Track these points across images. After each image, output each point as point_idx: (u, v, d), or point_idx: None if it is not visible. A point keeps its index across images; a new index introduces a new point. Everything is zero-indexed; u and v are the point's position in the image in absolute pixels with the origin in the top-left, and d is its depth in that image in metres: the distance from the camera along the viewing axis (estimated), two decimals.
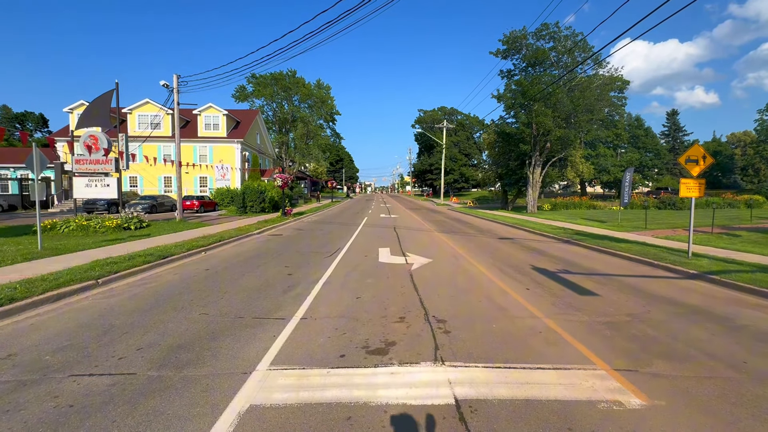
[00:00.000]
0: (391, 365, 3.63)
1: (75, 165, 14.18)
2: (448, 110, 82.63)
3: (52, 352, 3.99)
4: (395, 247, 11.22)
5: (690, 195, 9.43)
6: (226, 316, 5.11)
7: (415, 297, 6.01)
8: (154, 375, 3.46)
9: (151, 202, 24.18)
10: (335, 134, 59.11)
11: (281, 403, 2.99)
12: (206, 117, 32.87)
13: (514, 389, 3.20)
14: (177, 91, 17.17)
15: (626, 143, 54.52)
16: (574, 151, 31.38)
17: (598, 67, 29.23)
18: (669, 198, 31.90)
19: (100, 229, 13.42)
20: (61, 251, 9.23)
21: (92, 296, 6.13)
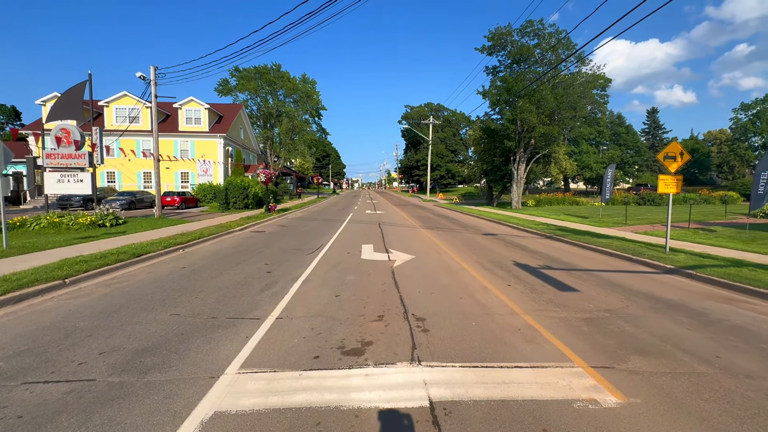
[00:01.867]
0: (366, 366, 3.53)
1: (46, 159, 13.57)
2: (434, 106, 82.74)
3: (6, 358, 3.74)
4: (379, 243, 11.11)
5: (668, 191, 9.59)
6: (199, 316, 4.92)
7: (395, 294, 5.92)
8: (115, 381, 3.27)
9: (129, 198, 23.46)
10: (321, 129, 58.54)
11: (248, 409, 2.85)
12: (187, 111, 32.02)
13: (490, 389, 3.13)
14: (154, 83, 16.59)
15: (608, 140, 55.69)
16: (558, 148, 31.80)
17: (581, 65, 29.60)
18: (649, 194, 32.68)
19: (73, 227, 12.89)
20: (28, 249, 8.80)
21: (58, 297, 5.83)
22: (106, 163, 29.61)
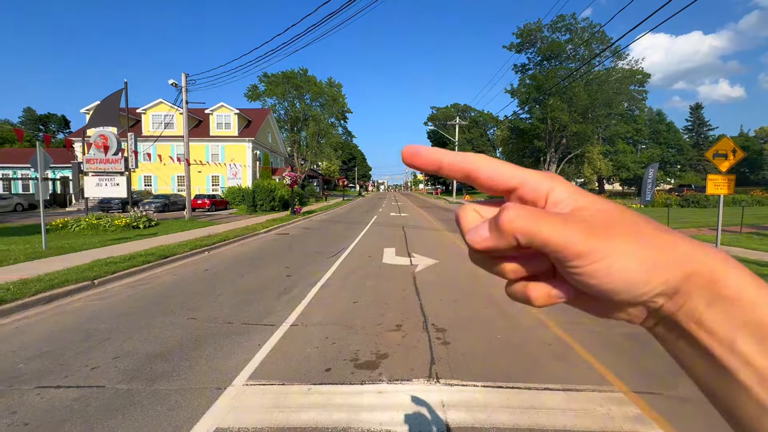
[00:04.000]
0: (380, 382, 3.28)
1: (86, 164, 14.31)
2: (461, 107, 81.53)
3: (27, 360, 3.79)
4: (401, 247, 10.85)
5: (718, 192, 8.74)
6: (215, 321, 4.86)
7: (415, 302, 5.65)
8: (123, 388, 3.21)
9: (163, 201, 24.46)
10: (347, 132, 59.05)
11: (251, 426, 2.68)
12: (218, 116, 33.12)
13: (517, 415, 2.81)
14: (185, 89, 17.18)
15: (647, 139, 52.66)
16: (592, 147, 30.32)
17: (616, 59, 28.09)
18: (693, 195, 30.46)
19: (109, 228, 13.50)
20: (65, 250, 9.21)
21: (85, 298, 5.99)
22: (143, 168, 31.15)
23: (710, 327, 0.24)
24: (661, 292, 0.25)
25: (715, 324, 0.24)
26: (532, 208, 0.26)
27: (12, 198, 25.76)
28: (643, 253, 0.24)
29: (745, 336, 0.23)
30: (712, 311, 0.24)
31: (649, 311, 0.27)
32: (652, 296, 0.25)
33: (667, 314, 0.26)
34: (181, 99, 17.39)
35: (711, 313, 0.24)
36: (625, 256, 0.24)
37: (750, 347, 0.23)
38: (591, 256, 0.24)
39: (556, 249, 0.24)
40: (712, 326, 0.24)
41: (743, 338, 0.23)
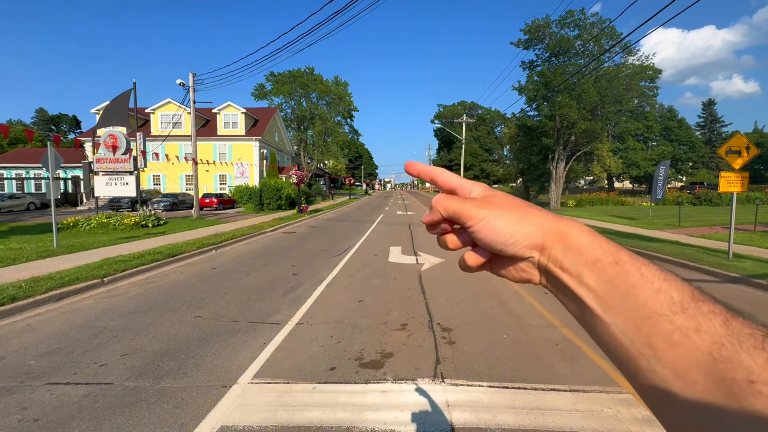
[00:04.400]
0: (385, 381, 3.27)
1: (96, 164, 14.51)
2: (468, 105, 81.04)
3: (38, 356, 3.86)
4: (407, 245, 10.83)
5: (731, 190, 8.55)
6: (221, 319, 4.89)
7: (421, 301, 5.62)
8: (131, 386, 3.24)
9: (172, 200, 24.73)
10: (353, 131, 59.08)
11: (255, 424, 2.69)
12: (225, 115, 33.36)
13: (522, 416, 2.77)
14: (193, 89, 17.31)
15: (658, 136, 51.77)
16: (601, 145, 29.88)
17: (627, 55, 27.61)
18: (705, 193, 29.91)
19: (119, 227, 13.69)
20: (75, 249, 9.36)
21: (95, 295, 6.07)
22: (152, 167, 31.53)
23: (567, 268, 0.34)
24: (528, 245, 0.36)
25: (569, 265, 0.34)
26: (448, 195, 0.41)
27: (25, 197, 26.26)
28: (510, 216, 0.37)
29: (586, 270, 0.33)
30: (566, 257, 0.35)
31: (537, 268, 0.37)
32: (522, 248, 0.37)
33: (543, 266, 0.36)
34: (189, 98, 17.54)
35: (566, 258, 0.35)
36: (497, 218, 0.37)
37: (590, 277, 0.33)
38: (476, 218, 0.38)
39: (458, 215, 0.39)
40: (567, 267, 0.34)
41: (586, 272, 0.33)
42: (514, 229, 0.36)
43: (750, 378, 0.25)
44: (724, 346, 0.27)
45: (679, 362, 0.28)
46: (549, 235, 0.36)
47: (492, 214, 0.37)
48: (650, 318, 0.29)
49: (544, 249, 0.36)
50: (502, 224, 0.37)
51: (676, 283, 0.31)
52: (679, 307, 0.29)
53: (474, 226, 0.38)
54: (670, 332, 0.28)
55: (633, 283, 0.31)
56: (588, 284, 0.33)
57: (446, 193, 0.43)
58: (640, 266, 0.32)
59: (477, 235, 0.38)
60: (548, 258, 0.36)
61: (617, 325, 0.31)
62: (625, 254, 0.33)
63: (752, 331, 0.27)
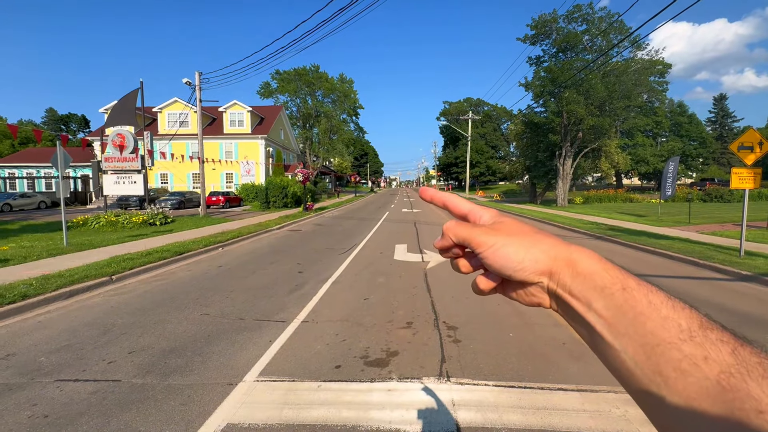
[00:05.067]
0: (390, 380, 3.27)
1: (104, 163, 14.68)
2: (474, 101, 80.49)
3: (48, 353, 3.91)
4: (413, 243, 10.80)
5: (743, 186, 8.39)
6: (227, 317, 4.92)
7: (426, 299, 5.61)
8: (138, 383, 3.27)
9: (179, 198, 24.96)
10: (359, 128, 59.04)
11: (261, 422, 2.70)
12: (231, 114, 33.52)
13: (529, 416, 2.75)
14: (199, 88, 17.40)
15: (667, 131, 50.98)
16: (609, 141, 29.51)
17: (636, 50, 27.17)
18: (716, 190, 29.41)
19: (127, 225, 13.84)
20: (85, 247, 9.48)
21: (104, 293, 6.15)
22: (160, 166, 31.79)
23: (575, 294, 0.35)
24: (537, 271, 0.37)
25: (577, 291, 0.35)
26: (459, 222, 0.43)
27: (36, 196, 26.68)
28: (518, 243, 0.38)
29: (595, 296, 0.34)
30: (575, 283, 0.35)
31: (547, 293, 0.38)
32: (530, 273, 0.38)
33: (552, 291, 0.38)
34: (196, 97, 17.64)
35: (574, 284, 0.36)
36: (506, 245, 0.38)
37: (599, 303, 0.34)
38: (485, 245, 0.39)
39: (468, 241, 0.41)
40: (576, 293, 0.35)
41: (594, 298, 0.34)
42: (522, 255, 0.38)
43: (759, 408, 0.25)
44: (733, 375, 0.27)
45: (688, 390, 0.28)
46: (557, 261, 0.37)
47: (500, 241, 0.39)
48: (659, 346, 0.30)
49: (552, 275, 0.37)
50: (511, 251, 0.38)
51: (684, 310, 0.32)
52: (687, 334, 0.30)
53: (483, 252, 0.39)
54: (678, 360, 0.29)
55: (641, 311, 0.32)
56: (597, 310, 0.34)
57: (458, 218, 0.46)
58: (647, 293, 0.33)
59: (486, 261, 0.40)
60: (557, 283, 0.37)
61: (627, 352, 0.32)
62: (633, 281, 0.34)
63: (761, 360, 0.27)
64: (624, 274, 0.35)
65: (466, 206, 0.45)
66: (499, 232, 0.39)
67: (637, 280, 0.34)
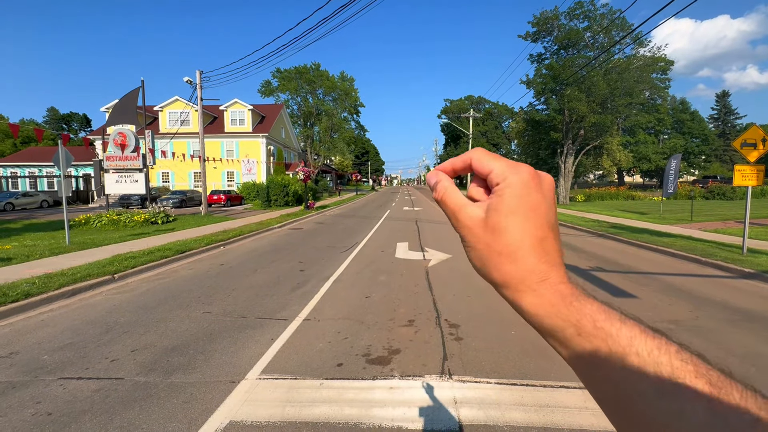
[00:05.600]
0: (392, 378, 3.27)
1: (106, 162, 14.71)
2: (475, 99, 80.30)
3: (51, 351, 3.93)
4: (414, 241, 10.80)
5: (746, 183, 8.35)
6: (229, 315, 4.93)
7: (428, 297, 5.60)
8: (141, 381, 3.28)
9: (181, 197, 24.98)
10: (360, 127, 58.94)
11: (263, 420, 2.70)
12: (232, 112, 33.52)
13: (531, 414, 2.75)
14: (200, 86, 17.39)
15: (670, 129, 50.78)
16: (611, 138, 29.43)
17: (638, 47, 27.04)
18: (718, 187, 29.30)
19: (129, 224, 13.87)
20: (87, 246, 9.51)
21: (106, 291, 6.16)
22: (161, 164, 31.83)
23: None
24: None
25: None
26: (482, 151, 0.37)
27: (38, 195, 26.75)
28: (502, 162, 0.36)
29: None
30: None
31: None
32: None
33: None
34: (197, 96, 17.63)
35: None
36: (512, 175, 0.34)
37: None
38: (501, 175, 0.35)
39: (482, 167, 0.36)
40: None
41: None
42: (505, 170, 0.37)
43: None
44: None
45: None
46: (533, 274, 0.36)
47: (512, 173, 0.35)
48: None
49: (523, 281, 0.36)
50: (510, 174, 0.36)
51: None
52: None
53: (494, 179, 0.37)
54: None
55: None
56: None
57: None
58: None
59: (492, 179, 0.37)
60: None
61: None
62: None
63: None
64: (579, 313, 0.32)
65: (489, 163, 0.37)
66: (514, 169, 0.35)
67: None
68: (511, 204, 0.33)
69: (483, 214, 0.35)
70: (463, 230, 0.36)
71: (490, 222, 0.34)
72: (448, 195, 0.38)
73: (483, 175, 0.37)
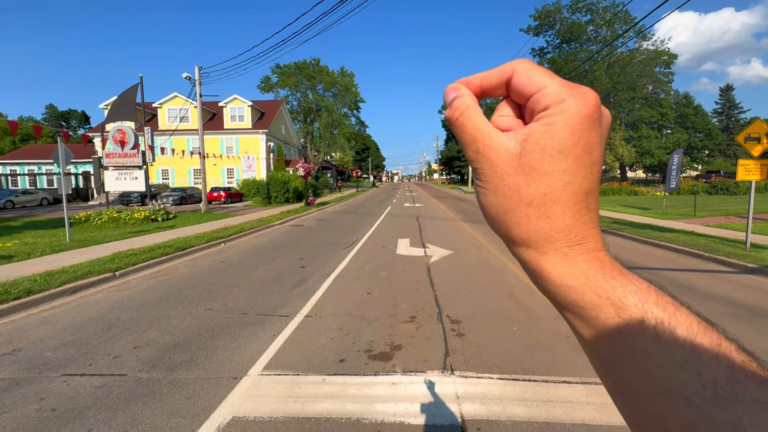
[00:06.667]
0: (394, 373, 3.27)
1: (105, 159, 14.69)
2: None
3: (54, 348, 3.94)
4: (415, 237, 10.79)
5: (750, 178, 8.30)
6: (231, 312, 4.93)
7: (430, 293, 5.60)
8: (144, 377, 3.29)
9: (180, 194, 24.97)
10: (360, 123, 58.78)
11: (266, 416, 2.71)
12: (231, 109, 33.41)
13: (533, 408, 2.75)
14: (199, 82, 17.33)
15: (673, 123, 50.51)
16: (614, 133, 29.32)
17: (641, 40, 26.84)
18: (722, 182, 29.19)
19: (129, 221, 13.88)
20: (87, 243, 9.52)
21: (107, 289, 6.17)
22: (161, 161, 31.81)
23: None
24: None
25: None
26: (529, 62, 0.29)
27: (38, 193, 26.76)
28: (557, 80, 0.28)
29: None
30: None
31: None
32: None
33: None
34: (195, 92, 17.57)
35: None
36: (571, 99, 0.26)
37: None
38: (556, 95, 0.26)
39: (528, 82, 0.27)
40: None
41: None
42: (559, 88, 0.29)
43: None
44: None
45: None
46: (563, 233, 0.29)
47: (569, 97, 0.27)
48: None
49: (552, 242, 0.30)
50: (569, 98, 0.27)
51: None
52: None
53: (546, 102, 0.28)
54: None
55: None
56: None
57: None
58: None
59: (537, 100, 0.29)
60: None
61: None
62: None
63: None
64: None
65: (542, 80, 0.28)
66: (572, 91, 0.27)
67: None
68: (563, 139, 0.25)
69: (517, 147, 0.27)
70: (483, 164, 0.28)
71: (526, 159, 0.26)
72: (469, 115, 0.28)
73: (527, 94, 0.27)
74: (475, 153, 0.28)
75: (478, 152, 0.28)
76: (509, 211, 0.27)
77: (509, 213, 0.27)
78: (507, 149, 0.27)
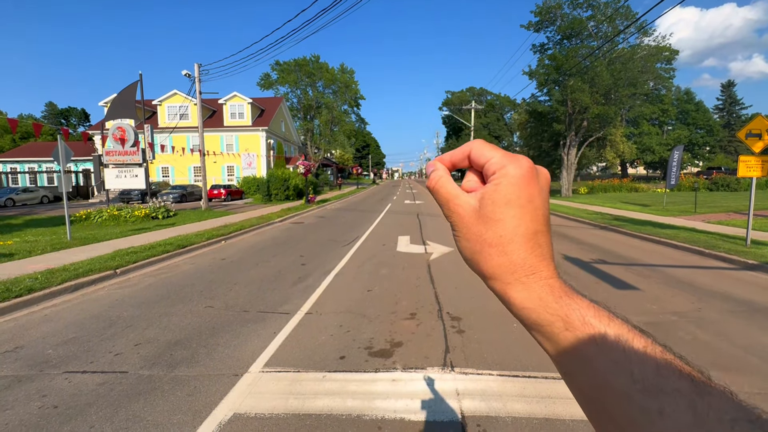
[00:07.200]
0: (394, 370, 3.28)
1: (105, 157, 14.69)
2: (477, 91, 79.68)
3: (55, 346, 3.95)
4: (416, 235, 10.79)
5: (751, 174, 8.28)
6: (231, 309, 4.95)
7: (430, 290, 5.61)
8: (145, 374, 3.30)
9: (181, 191, 24.98)
10: (360, 119, 58.58)
11: (267, 412, 2.72)
12: (231, 106, 33.34)
13: (533, 405, 2.75)
14: (198, 80, 17.28)
15: (674, 119, 50.35)
16: (614, 130, 29.19)
17: (642, 36, 26.66)
18: (723, 178, 29.11)
19: (129, 219, 13.89)
20: (88, 241, 9.53)
21: (108, 286, 6.19)
22: (161, 159, 31.79)
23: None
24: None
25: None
26: (482, 142, 0.38)
27: (38, 191, 26.78)
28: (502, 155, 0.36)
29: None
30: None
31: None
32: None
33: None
34: (195, 90, 17.53)
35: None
36: (510, 165, 0.34)
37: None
38: (499, 163, 0.35)
39: (480, 156, 0.36)
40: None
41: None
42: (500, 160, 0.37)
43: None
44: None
45: None
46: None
47: (507, 165, 0.35)
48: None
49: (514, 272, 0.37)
50: (511, 167, 0.36)
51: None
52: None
53: (492, 167, 0.37)
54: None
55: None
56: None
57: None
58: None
59: (489, 168, 0.37)
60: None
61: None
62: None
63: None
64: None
65: (487, 154, 0.37)
66: (512, 161, 0.35)
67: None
68: (508, 194, 0.33)
69: (477, 203, 0.35)
70: (454, 219, 0.36)
71: (483, 212, 0.34)
72: (442, 183, 0.38)
73: (480, 164, 0.36)
74: (448, 210, 0.37)
75: (450, 209, 0.37)
76: (477, 252, 0.35)
77: (477, 254, 0.35)
78: (470, 205, 0.35)
